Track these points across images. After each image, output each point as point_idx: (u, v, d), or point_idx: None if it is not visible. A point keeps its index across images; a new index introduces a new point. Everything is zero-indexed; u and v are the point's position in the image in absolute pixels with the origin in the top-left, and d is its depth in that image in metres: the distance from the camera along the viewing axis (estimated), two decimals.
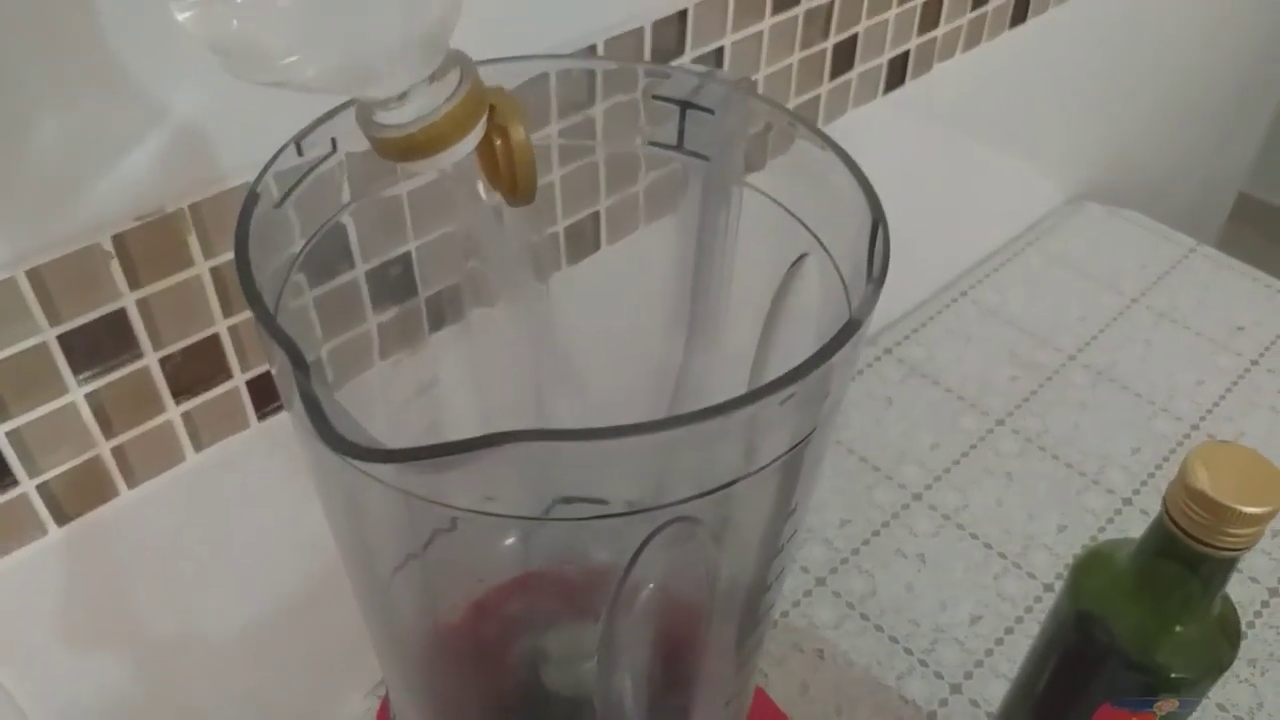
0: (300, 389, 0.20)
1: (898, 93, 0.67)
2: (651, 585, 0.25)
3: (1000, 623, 0.62)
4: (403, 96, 0.25)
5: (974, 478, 0.71)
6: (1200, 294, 0.85)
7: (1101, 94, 0.91)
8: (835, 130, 0.64)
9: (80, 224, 0.35)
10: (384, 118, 0.26)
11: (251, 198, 0.27)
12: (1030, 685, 0.45)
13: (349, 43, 0.23)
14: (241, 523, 0.46)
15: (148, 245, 0.37)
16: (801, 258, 0.31)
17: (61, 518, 0.40)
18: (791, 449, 0.24)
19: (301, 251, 0.34)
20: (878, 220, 0.26)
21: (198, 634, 0.48)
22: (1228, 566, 0.37)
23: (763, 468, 0.24)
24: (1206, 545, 0.35)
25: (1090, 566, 0.41)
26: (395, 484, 0.22)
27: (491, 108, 0.27)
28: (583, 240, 0.51)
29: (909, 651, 0.61)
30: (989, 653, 0.61)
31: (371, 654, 0.40)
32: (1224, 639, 0.39)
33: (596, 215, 0.51)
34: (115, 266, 0.37)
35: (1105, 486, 0.70)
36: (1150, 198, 1.04)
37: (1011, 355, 0.80)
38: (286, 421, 0.45)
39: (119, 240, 0.36)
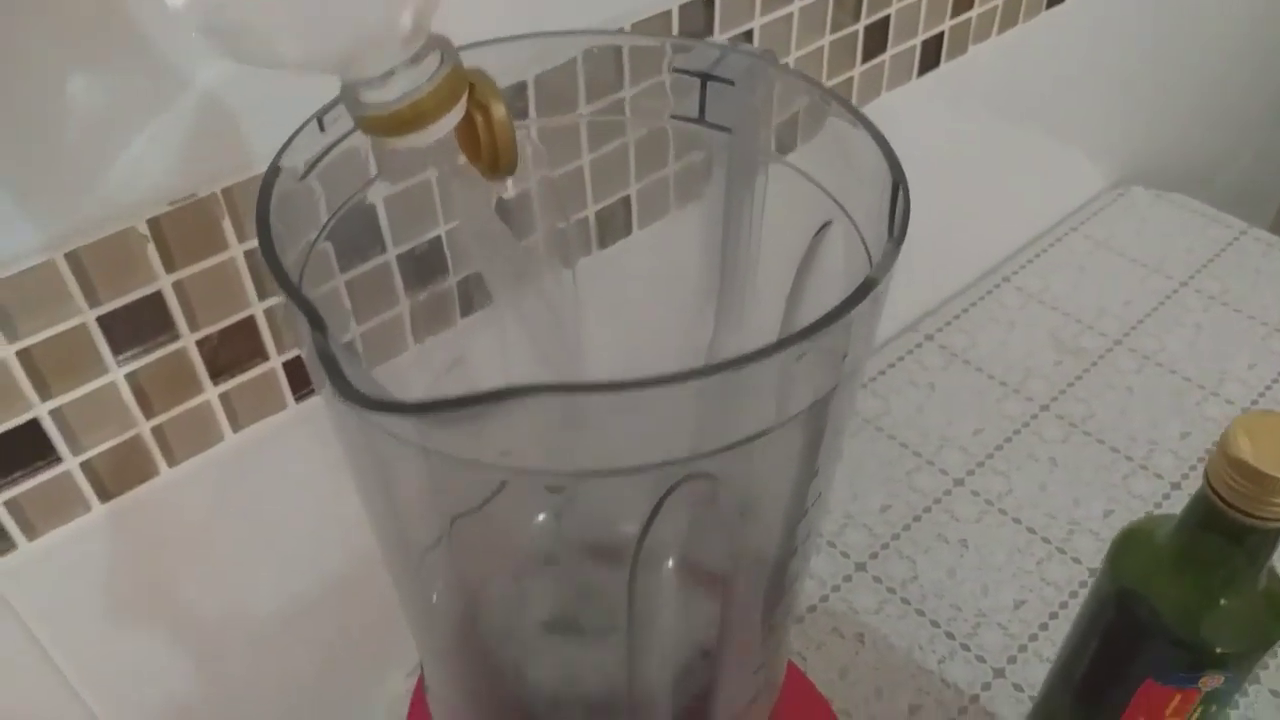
0: (318, 348, 0.21)
1: (933, 75, 0.66)
2: (672, 543, 0.25)
3: (1044, 608, 0.61)
4: (387, 76, 0.26)
5: (1018, 463, 0.70)
6: (1252, 277, 0.83)
7: (1146, 74, 0.89)
8: (870, 113, 0.63)
9: (116, 208, 0.36)
10: (369, 96, 0.27)
11: (273, 170, 0.27)
12: (1071, 665, 0.44)
13: (334, 25, 0.24)
14: (280, 503, 0.47)
15: (182, 229, 0.38)
16: (826, 225, 0.31)
17: (104, 495, 0.41)
18: (811, 406, 0.24)
19: (328, 223, 0.35)
20: (898, 182, 0.26)
21: (240, 611, 0.48)
22: (1273, 539, 0.36)
23: (782, 424, 0.24)
24: (1250, 516, 0.34)
25: (1130, 543, 0.41)
26: (415, 440, 0.23)
27: (471, 86, 0.28)
28: (613, 224, 0.51)
29: (950, 636, 0.60)
30: (1033, 637, 0.60)
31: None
32: (1271, 613, 0.38)
33: (627, 200, 0.51)
34: (151, 250, 0.38)
35: (1153, 471, 0.68)
36: (1200, 180, 1.02)
37: (1055, 340, 0.79)
38: (322, 403, 0.45)
39: (154, 224, 0.37)
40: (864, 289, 0.23)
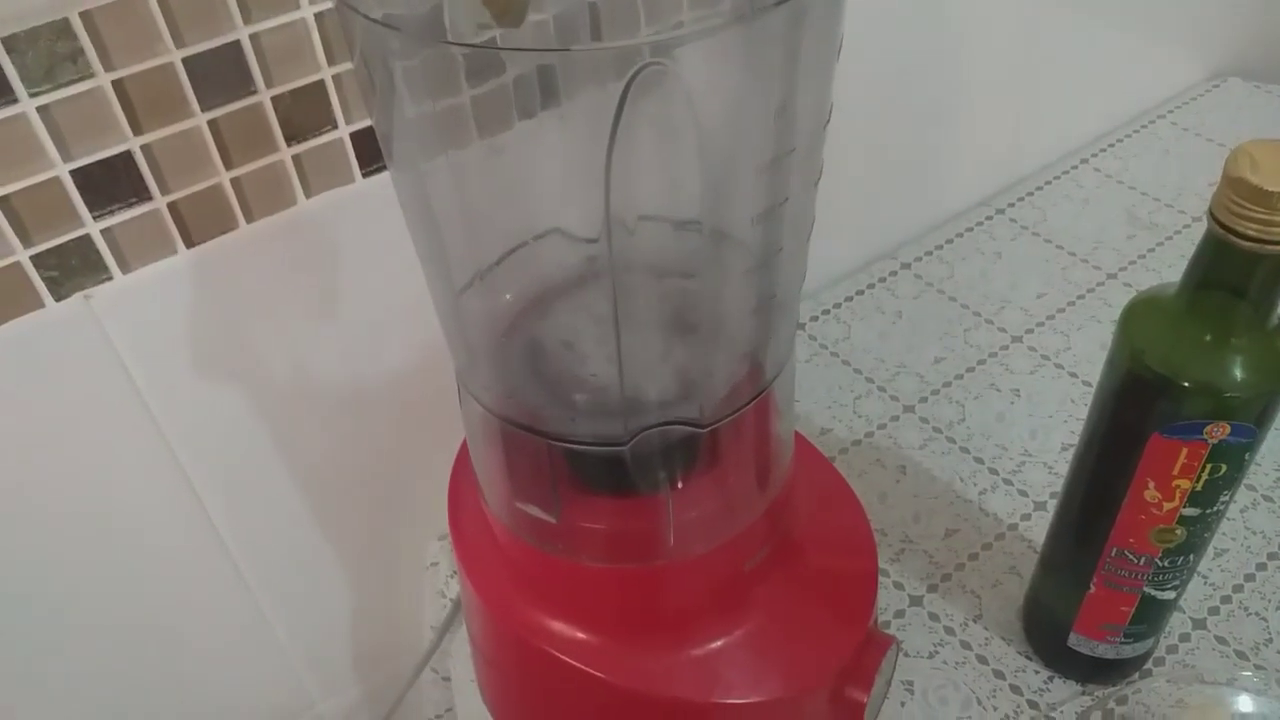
0: None
1: None
2: (641, 129, 0.26)
3: None
4: None
5: (1078, 323, 0.70)
6: None
7: None
8: None
9: None
10: None
11: None
12: (1085, 441, 0.45)
13: None
14: (347, 279, 0.51)
15: None
16: None
17: (189, 240, 0.45)
18: (755, 17, 0.25)
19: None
20: None
21: (309, 383, 0.53)
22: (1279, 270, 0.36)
23: (724, 26, 0.25)
24: (1254, 240, 0.35)
25: (1138, 306, 0.41)
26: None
27: None
28: None
29: (994, 472, 0.61)
30: None
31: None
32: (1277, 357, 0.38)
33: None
34: (230, 0, 0.42)
35: None
36: None
37: (1130, 217, 0.78)
38: (388, 183, 0.49)
39: None
40: None
